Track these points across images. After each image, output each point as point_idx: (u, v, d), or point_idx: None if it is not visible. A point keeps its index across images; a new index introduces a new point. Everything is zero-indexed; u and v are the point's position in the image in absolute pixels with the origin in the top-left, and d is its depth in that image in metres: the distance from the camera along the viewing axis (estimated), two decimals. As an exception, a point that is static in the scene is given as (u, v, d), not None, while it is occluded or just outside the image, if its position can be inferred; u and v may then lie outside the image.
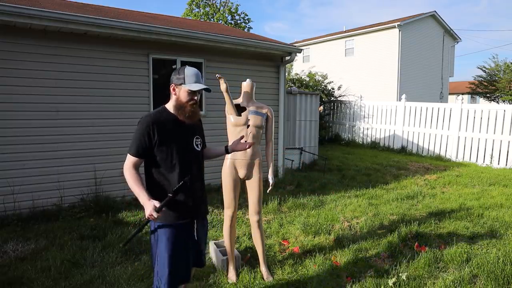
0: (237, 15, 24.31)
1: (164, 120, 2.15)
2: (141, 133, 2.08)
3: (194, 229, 2.25)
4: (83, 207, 4.96)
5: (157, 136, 2.08)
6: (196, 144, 2.27)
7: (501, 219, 4.79)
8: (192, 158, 2.23)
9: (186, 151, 2.20)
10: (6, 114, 4.70)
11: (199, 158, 2.30)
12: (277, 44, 6.90)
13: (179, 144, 2.16)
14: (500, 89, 21.23)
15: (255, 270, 3.29)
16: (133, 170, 2.09)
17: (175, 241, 2.12)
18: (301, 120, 9.13)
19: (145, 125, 2.09)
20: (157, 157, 2.12)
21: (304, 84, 13.26)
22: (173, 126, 2.16)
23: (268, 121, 3.28)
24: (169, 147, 2.12)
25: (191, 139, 2.25)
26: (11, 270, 3.26)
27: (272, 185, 3.26)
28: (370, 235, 4.18)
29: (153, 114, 2.16)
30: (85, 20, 4.83)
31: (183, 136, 2.20)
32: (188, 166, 2.18)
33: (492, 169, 8.69)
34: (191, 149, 2.24)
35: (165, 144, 2.11)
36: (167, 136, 2.12)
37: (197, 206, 2.26)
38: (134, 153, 2.10)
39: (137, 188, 2.04)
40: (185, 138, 2.22)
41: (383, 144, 12.12)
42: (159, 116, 2.15)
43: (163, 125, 2.12)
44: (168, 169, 2.14)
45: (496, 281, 3.08)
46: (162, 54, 5.89)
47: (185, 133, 2.22)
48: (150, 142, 2.09)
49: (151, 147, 2.09)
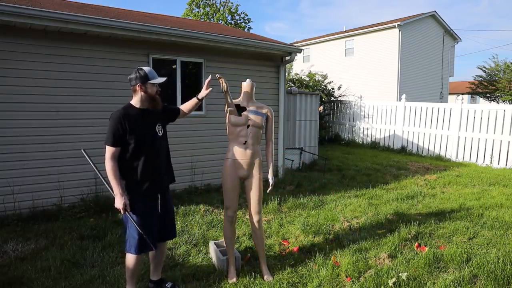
0: (237, 15, 24.32)
1: (132, 113, 2.59)
2: (115, 125, 2.50)
3: (158, 204, 2.71)
4: (83, 207, 4.96)
5: (127, 127, 2.51)
6: (159, 130, 2.72)
7: (501, 219, 4.79)
8: (155, 143, 2.67)
9: (150, 138, 2.64)
10: (6, 114, 4.70)
11: (162, 142, 2.75)
12: (277, 44, 6.90)
13: (146, 133, 2.61)
14: (500, 89, 21.24)
15: (255, 270, 3.29)
16: (113, 162, 2.51)
17: (142, 214, 2.60)
18: (301, 120, 9.13)
19: (116, 118, 2.51)
20: (128, 146, 2.54)
21: (304, 84, 13.26)
22: (139, 118, 2.60)
23: (268, 121, 3.28)
24: (136, 136, 2.54)
25: (153, 127, 2.68)
26: (11, 270, 3.26)
27: (272, 185, 3.26)
28: (370, 235, 4.18)
29: (122, 109, 2.59)
30: (85, 20, 4.82)
31: (148, 126, 2.64)
32: (153, 151, 2.64)
33: (492, 169, 8.69)
34: (156, 136, 2.68)
35: (134, 133, 2.53)
36: (135, 127, 2.55)
37: (159, 184, 2.72)
38: (112, 143, 2.51)
39: (115, 181, 2.49)
40: (149, 127, 2.65)
41: (383, 144, 12.12)
42: (128, 111, 2.59)
43: (131, 118, 2.56)
44: (136, 154, 2.57)
45: (496, 281, 3.08)
46: (162, 54, 5.89)
47: (148, 123, 2.66)
48: (123, 132, 2.50)
49: (124, 136, 2.51)
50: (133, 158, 2.58)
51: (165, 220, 2.78)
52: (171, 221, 2.89)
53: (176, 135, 5.73)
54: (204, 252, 3.73)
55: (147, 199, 2.65)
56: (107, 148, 2.52)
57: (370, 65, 19.61)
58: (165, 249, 3.00)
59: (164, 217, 2.78)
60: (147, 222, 2.61)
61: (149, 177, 2.62)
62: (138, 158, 2.58)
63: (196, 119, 6.32)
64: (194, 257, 3.61)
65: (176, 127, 5.89)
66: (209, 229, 4.39)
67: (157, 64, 5.89)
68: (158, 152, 2.70)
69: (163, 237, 2.84)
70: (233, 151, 3.14)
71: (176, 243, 3.94)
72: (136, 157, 2.58)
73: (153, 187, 2.66)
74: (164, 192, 2.78)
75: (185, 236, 4.11)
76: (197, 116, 6.33)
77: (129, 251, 2.64)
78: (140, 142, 2.57)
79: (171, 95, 6.07)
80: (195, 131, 6.30)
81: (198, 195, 5.94)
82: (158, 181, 2.70)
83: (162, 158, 2.75)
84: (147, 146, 2.61)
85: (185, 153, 6.16)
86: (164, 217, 2.77)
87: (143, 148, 2.59)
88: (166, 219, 2.80)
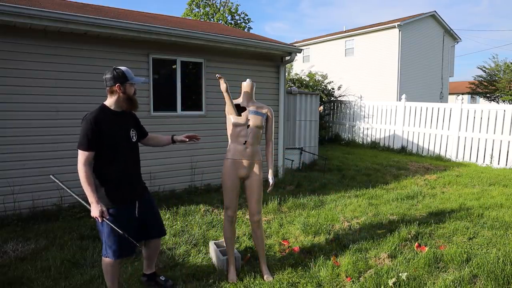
0: (237, 15, 24.30)
1: (105, 116, 2.48)
2: (88, 129, 2.38)
3: (135, 209, 2.63)
4: (83, 207, 4.93)
5: (100, 131, 2.40)
6: (132, 136, 2.64)
7: (501, 219, 4.79)
8: (129, 148, 2.60)
9: (124, 143, 2.56)
10: (6, 114, 4.70)
11: (134, 148, 2.67)
12: (277, 44, 6.90)
13: (118, 136, 2.52)
14: (500, 89, 21.24)
15: (255, 270, 3.29)
16: (87, 167, 2.39)
17: (119, 219, 2.50)
18: (301, 120, 9.13)
19: (89, 122, 2.39)
20: (100, 149, 2.43)
21: (304, 84, 13.26)
22: (113, 121, 2.50)
23: (268, 121, 3.28)
24: (110, 140, 2.46)
25: (127, 132, 2.60)
26: (11, 270, 3.26)
27: (272, 185, 3.26)
28: (370, 235, 4.18)
29: (95, 112, 2.47)
30: (85, 20, 4.82)
31: (121, 129, 2.55)
32: (125, 156, 2.56)
33: (492, 169, 8.69)
34: (129, 141, 2.60)
35: (106, 137, 2.43)
36: (108, 130, 2.45)
37: (134, 189, 2.64)
38: (86, 147, 2.39)
39: (89, 188, 2.38)
40: (123, 131, 2.57)
41: (383, 144, 12.12)
42: (101, 113, 2.47)
43: (104, 121, 2.45)
44: (109, 159, 2.48)
45: (496, 281, 3.08)
46: (162, 54, 5.89)
47: (123, 127, 2.57)
48: (95, 136, 2.39)
49: (97, 140, 2.40)
50: (107, 163, 2.48)
51: (147, 221, 2.71)
52: (156, 219, 2.83)
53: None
54: (204, 252, 3.73)
55: (123, 204, 2.56)
56: (80, 152, 2.39)
57: (370, 65, 19.61)
58: (159, 244, 2.95)
59: (146, 218, 2.71)
60: (125, 228, 2.50)
61: (125, 181, 2.56)
62: (112, 162, 2.50)
63: (196, 119, 6.32)
64: (194, 257, 3.61)
65: (176, 127, 5.91)
66: (209, 229, 4.39)
67: (157, 64, 5.89)
68: (132, 156, 2.64)
69: (149, 234, 2.77)
70: (233, 151, 3.14)
71: (176, 243, 3.94)
72: (111, 161, 2.49)
73: (130, 192, 2.60)
74: (141, 196, 2.71)
75: (185, 236, 4.11)
76: (197, 116, 6.34)
77: (106, 255, 2.57)
78: (114, 146, 2.49)
79: (171, 95, 6.07)
80: (195, 131, 6.29)
81: (198, 195, 5.94)
82: (134, 186, 2.65)
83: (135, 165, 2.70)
84: (122, 150, 2.54)
85: (185, 153, 6.16)
86: (146, 217, 2.71)
87: (118, 152, 2.52)
88: (148, 220, 2.72)
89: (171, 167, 6.05)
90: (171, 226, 4.45)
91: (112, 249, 2.53)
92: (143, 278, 3.02)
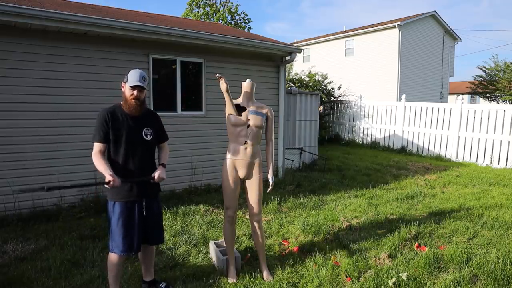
0: (237, 15, 24.31)
1: (117, 113, 2.63)
2: (101, 123, 2.56)
3: (143, 207, 2.68)
4: (83, 207, 4.96)
5: (111, 124, 2.56)
6: (146, 134, 2.70)
7: (501, 219, 4.79)
8: (139, 145, 2.66)
9: (134, 140, 2.64)
10: (6, 114, 4.70)
11: (148, 146, 2.73)
12: (277, 44, 6.90)
13: (128, 133, 2.61)
14: (500, 89, 21.23)
15: (255, 270, 3.29)
16: (97, 156, 2.52)
17: (125, 215, 2.60)
18: (301, 120, 9.13)
19: (102, 116, 2.58)
20: (110, 142, 2.58)
21: (304, 84, 13.25)
22: (124, 118, 2.63)
23: (268, 121, 3.28)
24: (119, 135, 2.58)
25: (140, 129, 2.68)
26: (11, 270, 3.26)
27: (272, 185, 3.26)
28: (370, 235, 4.18)
29: (108, 108, 2.65)
30: (85, 20, 4.82)
31: (132, 126, 2.64)
32: (134, 152, 2.64)
33: (492, 169, 8.69)
34: (140, 138, 2.66)
35: (116, 132, 2.57)
36: (118, 125, 2.59)
37: (144, 187, 2.68)
38: (99, 139, 2.55)
39: (102, 166, 2.47)
40: (135, 129, 2.65)
41: (383, 144, 12.12)
42: (113, 110, 2.64)
43: (116, 116, 2.61)
44: (116, 152, 2.60)
45: (496, 281, 3.08)
46: (162, 54, 5.89)
47: (135, 124, 2.65)
48: (107, 129, 2.55)
49: (105, 133, 2.55)
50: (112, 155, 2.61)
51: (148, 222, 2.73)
52: (157, 224, 2.82)
53: (176, 135, 5.73)
54: (204, 252, 3.73)
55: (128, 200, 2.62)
56: (94, 145, 2.56)
57: (370, 65, 19.61)
58: (154, 251, 2.96)
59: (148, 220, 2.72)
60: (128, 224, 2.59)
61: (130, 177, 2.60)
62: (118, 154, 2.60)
63: (196, 119, 6.33)
64: (194, 257, 3.61)
65: (176, 127, 5.91)
66: (209, 229, 4.39)
67: (157, 64, 5.89)
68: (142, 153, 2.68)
69: (148, 239, 2.78)
70: (233, 151, 3.14)
71: (176, 243, 3.94)
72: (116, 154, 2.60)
73: (136, 188, 2.64)
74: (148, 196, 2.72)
75: (185, 236, 4.11)
76: (197, 116, 6.34)
77: (112, 250, 2.63)
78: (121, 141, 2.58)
79: (171, 95, 6.08)
80: (195, 131, 6.30)
81: (198, 195, 5.94)
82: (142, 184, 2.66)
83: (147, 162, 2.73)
84: (130, 146, 2.61)
85: (185, 153, 6.16)
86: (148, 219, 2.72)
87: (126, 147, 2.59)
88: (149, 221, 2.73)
89: (171, 167, 6.04)
90: (171, 226, 4.45)
91: (116, 243, 2.60)
92: (143, 286, 3.00)
